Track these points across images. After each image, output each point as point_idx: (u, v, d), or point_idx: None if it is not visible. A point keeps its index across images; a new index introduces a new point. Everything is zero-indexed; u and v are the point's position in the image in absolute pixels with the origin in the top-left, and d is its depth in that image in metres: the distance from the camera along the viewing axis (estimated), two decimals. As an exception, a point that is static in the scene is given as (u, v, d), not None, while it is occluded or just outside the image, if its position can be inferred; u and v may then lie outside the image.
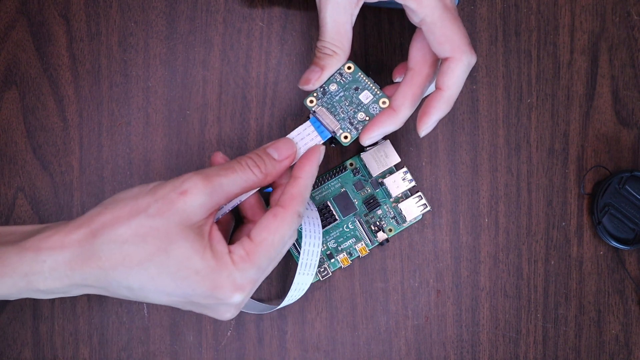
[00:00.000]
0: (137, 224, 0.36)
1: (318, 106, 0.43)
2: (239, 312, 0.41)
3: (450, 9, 0.39)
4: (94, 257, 0.36)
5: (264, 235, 0.38)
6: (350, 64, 0.43)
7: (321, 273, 0.48)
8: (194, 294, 0.37)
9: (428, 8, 0.39)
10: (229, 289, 0.37)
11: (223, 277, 0.37)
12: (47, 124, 0.49)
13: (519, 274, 0.50)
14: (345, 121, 0.43)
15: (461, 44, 0.39)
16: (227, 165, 0.39)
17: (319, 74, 0.42)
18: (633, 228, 0.49)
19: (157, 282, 0.36)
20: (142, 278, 0.36)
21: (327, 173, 0.49)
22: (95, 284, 0.37)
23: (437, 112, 0.40)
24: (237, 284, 0.37)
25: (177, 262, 0.36)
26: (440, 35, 0.39)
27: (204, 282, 0.36)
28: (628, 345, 0.50)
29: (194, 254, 0.36)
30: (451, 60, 0.39)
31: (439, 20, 0.39)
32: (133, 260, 0.36)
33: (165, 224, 0.36)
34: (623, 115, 0.51)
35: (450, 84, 0.40)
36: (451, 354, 0.49)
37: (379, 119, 0.42)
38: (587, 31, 0.51)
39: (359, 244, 0.48)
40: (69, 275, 0.36)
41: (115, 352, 0.49)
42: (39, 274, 0.36)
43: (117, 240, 0.36)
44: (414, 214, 0.48)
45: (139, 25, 0.49)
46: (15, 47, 0.49)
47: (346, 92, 0.43)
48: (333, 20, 0.40)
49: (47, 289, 0.37)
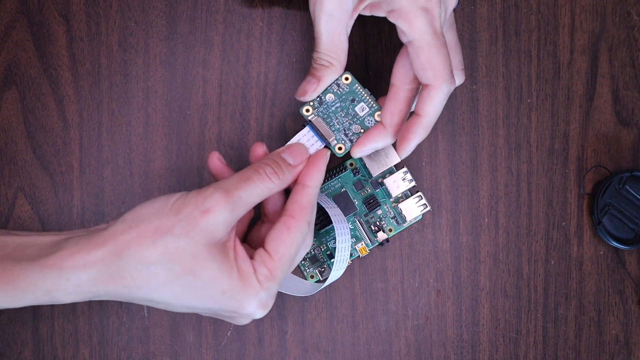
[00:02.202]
0: (163, 244, 0.36)
1: (314, 116, 0.43)
2: None
3: (439, 36, 0.39)
4: (119, 277, 0.36)
5: (282, 251, 0.39)
6: (347, 74, 0.43)
7: (322, 273, 0.48)
8: (220, 310, 0.38)
9: (418, 32, 0.39)
10: (255, 307, 0.38)
11: (250, 298, 0.38)
12: (47, 124, 0.49)
13: (519, 274, 0.50)
14: (340, 132, 0.43)
15: (443, 73, 0.39)
16: (245, 175, 0.39)
17: (315, 85, 0.42)
18: (633, 228, 0.49)
19: (183, 300, 0.37)
20: (167, 296, 0.37)
21: (327, 173, 0.49)
22: (118, 298, 0.37)
23: (415, 137, 0.41)
24: (263, 302, 0.38)
25: (204, 282, 0.36)
26: (425, 61, 0.39)
27: (231, 302, 0.37)
28: (628, 345, 0.50)
29: (222, 275, 0.37)
30: (431, 88, 0.40)
31: (427, 45, 0.39)
32: (160, 281, 0.36)
33: (190, 244, 0.36)
34: (623, 115, 0.51)
35: (429, 111, 0.40)
36: (451, 354, 0.49)
37: (370, 134, 0.43)
38: (587, 31, 0.51)
39: (359, 244, 0.48)
40: (92, 291, 0.36)
41: (115, 352, 0.49)
42: (62, 291, 0.36)
43: (144, 262, 0.36)
44: (414, 214, 0.48)
45: (139, 25, 0.49)
46: (15, 47, 0.49)
47: (342, 103, 0.43)
48: (328, 31, 0.41)
49: (69, 301, 0.37)
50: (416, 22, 0.39)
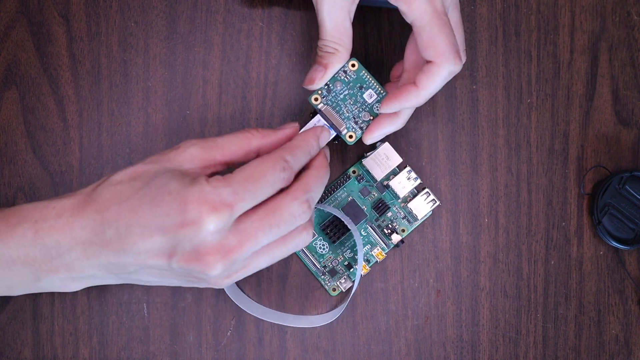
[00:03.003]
0: (132, 169, 0.39)
1: (323, 105, 0.43)
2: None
3: (440, 14, 0.39)
4: (93, 202, 0.38)
5: (244, 167, 0.38)
6: (354, 61, 0.43)
7: (342, 285, 0.48)
8: (169, 223, 0.36)
9: (417, 12, 0.39)
10: (198, 203, 0.35)
11: (194, 193, 0.36)
12: (47, 124, 0.49)
13: (519, 274, 0.50)
14: (350, 120, 0.43)
15: (445, 51, 0.39)
16: None
17: (322, 73, 0.42)
18: (633, 228, 0.49)
19: (139, 215, 0.36)
20: (128, 214, 0.37)
21: (331, 185, 0.49)
22: (91, 237, 0.37)
23: (404, 100, 0.41)
24: (207, 199, 0.36)
25: (156, 188, 0.37)
26: (426, 39, 0.39)
27: (176, 201, 0.36)
28: (628, 345, 0.50)
29: (173, 179, 0.37)
30: (432, 64, 0.40)
31: (428, 24, 0.39)
32: (122, 197, 0.37)
33: (155, 167, 0.38)
34: (623, 115, 0.51)
35: (426, 84, 0.40)
36: (451, 354, 0.49)
37: (381, 120, 0.43)
38: (587, 31, 0.51)
39: (374, 249, 0.48)
40: (70, 223, 0.38)
41: (115, 352, 0.49)
42: (46, 220, 0.38)
43: (112, 183, 0.38)
44: (424, 211, 0.48)
45: (139, 25, 0.49)
46: (15, 47, 0.49)
47: (350, 90, 0.43)
48: (331, 18, 0.41)
49: (51, 242, 0.38)
50: (415, 3, 0.39)
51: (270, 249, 0.39)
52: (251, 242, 0.37)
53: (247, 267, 0.39)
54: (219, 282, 0.39)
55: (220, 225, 0.36)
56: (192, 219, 0.36)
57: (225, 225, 0.36)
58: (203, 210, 0.36)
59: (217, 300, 0.49)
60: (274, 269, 0.49)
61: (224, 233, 0.36)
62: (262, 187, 0.37)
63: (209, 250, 0.36)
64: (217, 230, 0.36)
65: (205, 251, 0.36)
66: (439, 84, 0.40)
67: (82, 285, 0.41)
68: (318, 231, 0.49)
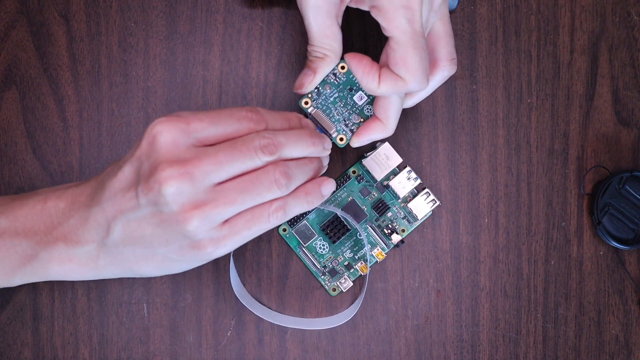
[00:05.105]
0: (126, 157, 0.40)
1: (313, 108, 0.43)
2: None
3: (418, 36, 0.39)
4: (91, 181, 0.41)
5: None
6: (343, 63, 0.43)
7: (342, 285, 0.49)
8: (136, 153, 0.37)
9: (397, 30, 0.39)
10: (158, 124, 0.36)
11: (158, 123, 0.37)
12: (47, 124, 0.49)
13: (519, 274, 0.50)
14: (340, 123, 0.44)
15: (415, 72, 0.40)
16: None
17: (311, 77, 0.43)
18: (633, 228, 0.49)
19: (121, 178, 0.38)
20: (113, 183, 0.38)
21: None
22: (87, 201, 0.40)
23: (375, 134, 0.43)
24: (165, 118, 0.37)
25: (130, 155, 0.38)
26: (399, 58, 0.40)
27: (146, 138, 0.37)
28: (628, 345, 0.50)
29: None
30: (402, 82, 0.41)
31: (403, 45, 0.39)
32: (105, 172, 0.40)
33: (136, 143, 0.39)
34: (623, 115, 0.51)
35: (387, 116, 0.43)
36: (451, 354, 0.49)
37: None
38: (587, 31, 0.51)
39: (374, 249, 0.49)
40: (74, 191, 0.41)
41: (115, 352, 0.49)
42: (55, 191, 0.41)
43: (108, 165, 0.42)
44: (424, 211, 0.48)
45: (139, 25, 0.49)
46: (15, 47, 0.49)
47: (340, 93, 0.43)
48: (317, 24, 0.41)
49: (55, 210, 0.40)
50: (395, 21, 0.39)
51: (251, 213, 0.38)
52: (224, 197, 0.37)
53: (232, 232, 0.38)
54: (207, 246, 0.38)
55: (175, 134, 0.36)
56: (150, 139, 0.37)
57: (180, 137, 0.36)
58: (160, 127, 0.37)
59: (217, 300, 0.49)
60: (274, 269, 0.49)
61: (183, 149, 0.37)
62: (223, 115, 0.38)
63: (163, 163, 0.36)
64: (172, 140, 0.36)
65: (161, 165, 0.36)
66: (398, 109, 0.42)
67: (77, 273, 0.41)
68: (318, 231, 0.49)
